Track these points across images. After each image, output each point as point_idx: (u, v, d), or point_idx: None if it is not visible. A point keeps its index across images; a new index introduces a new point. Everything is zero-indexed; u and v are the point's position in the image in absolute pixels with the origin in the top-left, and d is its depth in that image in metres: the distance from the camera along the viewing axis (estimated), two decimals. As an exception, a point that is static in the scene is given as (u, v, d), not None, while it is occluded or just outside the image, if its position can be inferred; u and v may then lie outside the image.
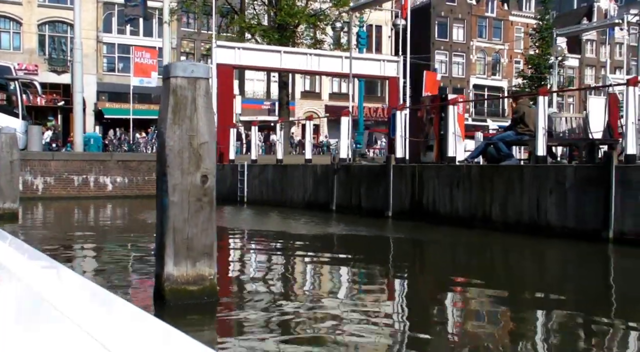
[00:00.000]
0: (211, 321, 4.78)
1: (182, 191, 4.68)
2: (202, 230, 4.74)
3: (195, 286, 4.74)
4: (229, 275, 7.07)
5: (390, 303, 5.74)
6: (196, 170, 4.70)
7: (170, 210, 4.68)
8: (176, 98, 4.66)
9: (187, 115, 4.67)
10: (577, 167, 9.57)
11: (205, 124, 4.74)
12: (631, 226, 8.48)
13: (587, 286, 6.72)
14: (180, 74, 4.69)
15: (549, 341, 4.37)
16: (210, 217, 4.78)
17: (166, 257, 4.69)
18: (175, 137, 4.65)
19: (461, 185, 11.21)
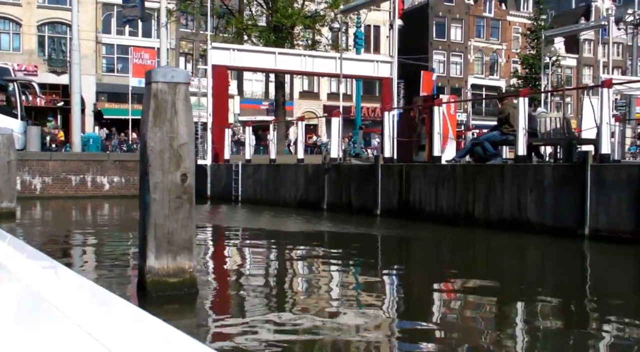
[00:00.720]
0: (191, 311, 5.09)
1: (163, 189, 4.99)
2: (181, 225, 5.05)
3: (176, 278, 5.05)
4: (212, 268, 7.40)
5: (372, 296, 6.04)
6: (176, 170, 5.00)
7: (152, 207, 4.98)
8: (157, 102, 4.97)
9: (167, 118, 4.98)
10: (555, 167, 9.89)
11: (185, 126, 5.04)
12: (605, 224, 8.79)
13: (563, 281, 7.01)
14: (160, 79, 4.99)
15: (527, 332, 4.63)
16: (189, 213, 5.09)
17: (148, 251, 5.00)
18: (156, 139, 4.96)
19: (446, 184, 11.52)
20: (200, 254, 8.35)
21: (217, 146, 19.75)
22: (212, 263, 7.97)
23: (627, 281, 7.11)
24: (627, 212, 8.51)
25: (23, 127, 22.80)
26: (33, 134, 22.90)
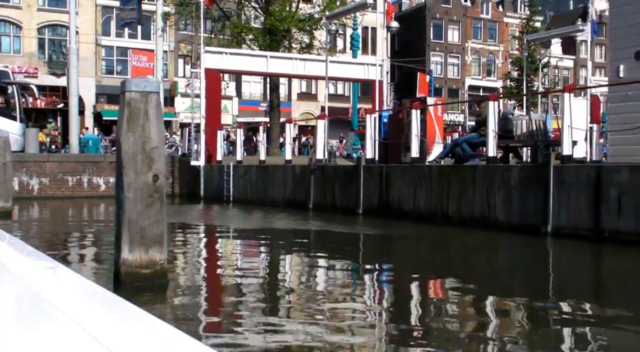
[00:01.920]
0: (162, 299, 5.60)
1: (136, 188, 5.49)
2: (153, 222, 5.56)
3: (148, 270, 5.56)
4: (185, 262, 7.94)
5: (341, 287, 6.55)
6: (148, 171, 5.51)
7: (126, 205, 5.49)
8: (130, 109, 5.48)
9: (140, 124, 5.49)
10: (521, 167, 10.38)
11: (156, 131, 5.55)
12: (566, 222, 9.29)
13: (527, 275, 7.51)
14: (134, 88, 5.50)
15: (493, 323, 5.06)
16: (160, 210, 5.60)
17: (122, 244, 5.51)
18: (129, 143, 5.47)
19: (423, 184, 12.02)
20: (178, 249, 8.93)
21: (210, 147, 20.27)
22: (187, 257, 8.52)
23: (585, 276, 7.56)
24: (586, 210, 9.01)
25: (22, 129, 23.29)
26: (31, 135, 23.41)
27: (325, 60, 18.52)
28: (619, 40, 10.56)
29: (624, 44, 10.33)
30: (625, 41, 10.26)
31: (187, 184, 21.65)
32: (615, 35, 10.92)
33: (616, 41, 10.84)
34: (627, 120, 9.87)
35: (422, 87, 51.62)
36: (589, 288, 6.83)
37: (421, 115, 16.43)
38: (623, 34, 10.36)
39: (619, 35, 10.56)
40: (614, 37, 11.00)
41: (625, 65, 10.29)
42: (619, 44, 10.59)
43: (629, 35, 10.19)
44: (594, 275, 7.83)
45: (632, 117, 9.66)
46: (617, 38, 10.76)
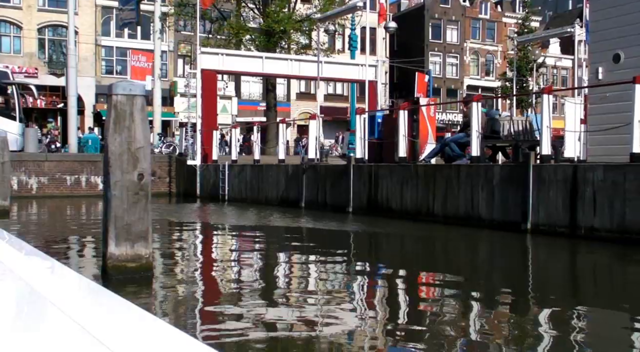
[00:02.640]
0: (147, 291, 5.91)
1: (122, 186, 5.80)
2: (138, 218, 5.87)
3: (134, 263, 5.88)
4: (171, 255, 8.29)
5: (325, 280, 6.87)
6: (133, 170, 5.82)
7: (113, 202, 5.80)
8: (117, 112, 5.79)
9: (126, 125, 5.80)
10: (502, 166, 10.69)
11: (141, 132, 5.86)
12: (544, 219, 9.59)
13: (507, 270, 7.82)
14: (120, 92, 5.81)
15: (471, 315, 5.32)
16: (145, 207, 5.90)
17: (109, 239, 5.82)
18: (116, 143, 5.78)
19: (410, 183, 12.33)
20: (168, 244, 9.29)
21: (206, 147, 20.58)
22: (175, 252, 8.88)
23: (560, 272, 7.85)
24: (563, 208, 9.30)
25: (21, 129, 23.62)
26: (31, 135, 23.73)
27: (317, 61, 18.80)
28: (598, 44, 10.86)
29: (602, 47, 10.62)
30: (604, 44, 10.55)
31: (184, 183, 21.97)
32: (594, 39, 11.22)
33: (595, 44, 11.14)
34: (606, 120, 10.16)
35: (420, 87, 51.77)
36: (563, 283, 7.10)
37: (414, 115, 16.78)
38: (602, 37, 10.66)
39: (598, 38, 10.85)
40: (594, 40, 11.30)
41: (604, 68, 10.58)
42: (598, 47, 10.89)
43: (608, 39, 10.48)
44: (569, 271, 8.11)
45: (610, 118, 9.94)
46: (596, 41, 11.07)
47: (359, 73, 22.70)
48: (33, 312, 1.40)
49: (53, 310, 1.30)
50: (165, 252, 8.47)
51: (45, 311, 1.35)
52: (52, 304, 1.33)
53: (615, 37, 10.28)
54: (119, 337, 1.10)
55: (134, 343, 1.08)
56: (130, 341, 1.09)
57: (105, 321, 1.21)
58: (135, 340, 1.10)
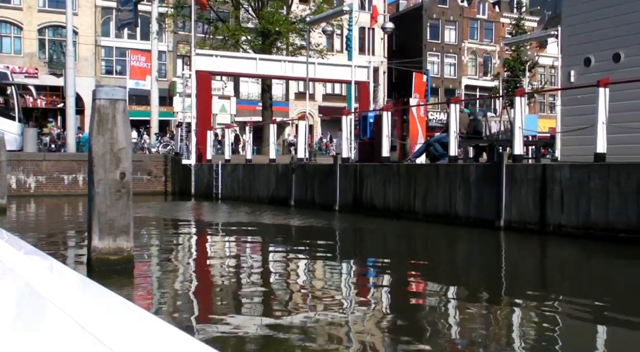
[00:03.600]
0: (128, 282, 6.34)
1: (105, 184, 6.24)
2: (120, 214, 6.30)
3: (116, 256, 6.31)
4: (151, 250, 8.76)
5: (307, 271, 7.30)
6: (116, 169, 6.25)
7: (96, 199, 6.24)
8: (100, 115, 6.22)
9: (108, 127, 6.23)
10: (478, 166, 11.11)
11: (123, 134, 6.29)
12: (516, 216, 10.01)
13: (481, 264, 8.25)
14: (103, 96, 6.24)
15: (445, 305, 5.73)
16: (127, 204, 6.33)
17: (93, 234, 6.26)
18: (99, 144, 6.21)
19: (392, 182, 12.75)
20: (153, 239, 9.76)
21: (200, 147, 21.03)
22: (158, 246, 9.37)
23: (528, 267, 8.26)
24: (533, 206, 9.73)
25: (20, 129, 24.09)
26: (30, 135, 24.19)
27: (307, 63, 19.22)
28: (570, 48, 11.28)
29: (574, 51, 11.03)
30: (576, 49, 10.97)
31: (179, 182, 22.41)
32: (567, 43, 11.64)
33: (567, 48, 11.56)
34: (578, 122, 10.56)
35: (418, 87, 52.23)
36: (532, 276, 7.50)
37: (404, 116, 17.20)
38: (573, 42, 11.07)
39: (570, 43, 11.27)
40: (566, 44, 11.71)
41: (576, 71, 11.00)
42: (570, 51, 11.30)
43: (579, 44, 10.89)
44: (538, 265, 8.52)
45: (581, 119, 10.35)
46: (568, 46, 11.49)
47: (350, 74, 23.12)
48: (33, 312, 1.41)
49: (53, 310, 1.31)
50: (150, 246, 8.95)
51: (45, 311, 1.35)
52: (52, 303, 1.34)
53: (586, 41, 10.70)
54: (119, 337, 1.10)
55: (134, 343, 1.08)
56: (130, 341, 1.09)
57: (105, 321, 1.21)
58: (135, 340, 1.10)
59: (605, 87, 8.82)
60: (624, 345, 4.52)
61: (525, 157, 16.21)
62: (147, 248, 8.62)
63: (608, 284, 6.78)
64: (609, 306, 5.49)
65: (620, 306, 5.54)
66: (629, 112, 9.97)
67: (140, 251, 7.97)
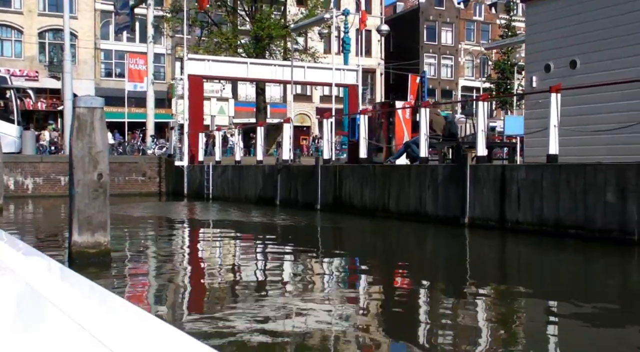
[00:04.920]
0: (105, 273, 6.99)
1: (83, 184, 6.89)
2: (98, 211, 6.95)
3: (94, 249, 6.97)
4: (128, 245, 9.46)
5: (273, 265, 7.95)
6: (94, 170, 6.91)
7: (76, 198, 6.89)
8: (79, 121, 6.88)
9: (87, 133, 6.88)
10: (445, 166, 11.74)
11: (100, 139, 6.95)
12: (479, 214, 10.64)
13: (447, 258, 8.89)
14: (82, 105, 6.90)
15: (413, 297, 6.33)
16: (104, 202, 6.99)
17: (73, 229, 6.91)
18: (78, 148, 6.87)
19: (369, 182, 13.39)
20: (134, 235, 10.46)
21: (192, 148, 21.70)
22: (136, 240, 10.09)
23: (489, 260, 8.88)
24: (494, 204, 10.36)
25: (19, 132, 24.73)
26: (28, 138, 24.85)
27: (291, 66, 19.88)
28: (533, 55, 11.91)
29: (536, 57, 11.66)
30: (538, 56, 11.59)
31: (172, 183, 23.07)
32: (529, 50, 12.27)
33: (530, 55, 12.19)
34: (539, 125, 11.17)
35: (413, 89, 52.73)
36: (492, 269, 8.11)
37: (390, 118, 17.84)
38: (536, 49, 11.70)
39: (533, 50, 11.90)
40: (529, 51, 12.35)
41: (537, 77, 11.62)
42: (533, 57, 11.93)
43: (541, 51, 11.52)
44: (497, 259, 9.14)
45: (542, 122, 10.94)
46: (531, 52, 12.12)
47: (340, 77, 23.75)
48: (33, 312, 1.41)
49: (53, 310, 1.31)
50: (126, 240, 9.66)
51: (45, 311, 1.36)
52: (52, 304, 1.34)
53: (546, 49, 11.32)
54: (119, 337, 1.11)
55: (134, 343, 1.08)
56: (130, 341, 1.09)
57: (105, 321, 1.22)
58: (135, 340, 1.10)
59: (557, 93, 9.44)
60: (567, 326, 5.01)
61: (501, 158, 16.88)
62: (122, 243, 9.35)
63: (556, 275, 7.37)
64: (556, 294, 6.12)
65: (566, 294, 6.12)
66: (585, 115, 10.60)
67: (122, 245, 8.67)
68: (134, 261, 8.06)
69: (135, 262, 7.96)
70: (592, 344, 4.44)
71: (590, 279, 7.29)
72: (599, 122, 10.33)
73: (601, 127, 9.97)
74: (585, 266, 8.21)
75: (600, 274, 7.57)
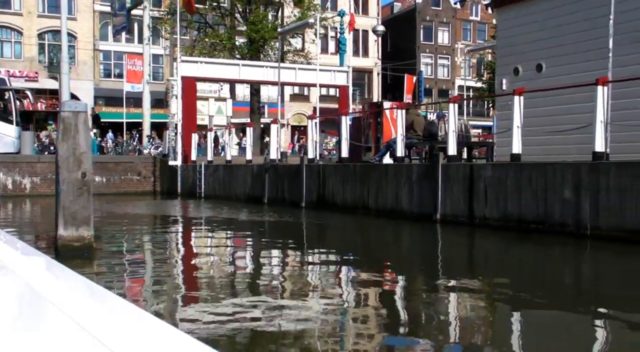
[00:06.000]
0: (89, 264, 7.56)
1: (68, 182, 7.46)
2: (82, 207, 7.52)
3: (78, 243, 7.53)
4: (112, 238, 10.07)
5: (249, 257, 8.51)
6: (78, 170, 7.47)
7: (61, 195, 7.46)
8: (64, 124, 7.44)
9: (71, 135, 7.45)
10: (419, 166, 12.30)
11: (84, 140, 7.51)
12: (449, 210, 11.20)
13: (419, 253, 9.44)
14: (67, 109, 7.47)
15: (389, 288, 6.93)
16: (88, 199, 7.55)
17: (59, 224, 7.48)
18: (64, 149, 7.43)
19: (350, 180, 13.95)
20: (119, 230, 11.06)
21: (186, 149, 22.27)
22: (119, 235, 10.69)
23: (457, 254, 9.40)
24: (463, 201, 10.91)
25: (18, 132, 25.27)
26: (27, 138, 25.40)
27: (278, 67, 20.44)
28: (503, 59, 12.46)
29: (506, 61, 12.21)
30: (507, 59, 12.14)
31: (167, 182, 23.65)
32: (500, 54, 12.82)
33: (500, 59, 12.74)
34: (508, 125, 11.71)
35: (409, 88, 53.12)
36: (460, 263, 8.61)
37: (378, 118, 18.40)
38: (505, 53, 12.25)
39: (503, 54, 12.45)
40: (499, 55, 12.89)
41: (507, 79, 12.18)
42: (503, 61, 12.48)
43: (510, 55, 12.07)
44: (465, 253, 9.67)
45: (510, 123, 11.50)
46: (501, 56, 12.66)
47: (330, 78, 24.30)
48: (33, 312, 1.41)
49: (53, 310, 1.31)
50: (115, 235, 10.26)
51: (45, 311, 1.36)
52: (52, 304, 1.34)
53: (515, 53, 11.87)
54: (119, 337, 1.11)
55: (134, 343, 1.09)
56: (130, 341, 1.10)
57: (105, 321, 1.22)
58: (135, 340, 1.11)
59: (520, 96, 9.99)
60: (528, 312, 5.46)
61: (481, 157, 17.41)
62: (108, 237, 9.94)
63: (518, 266, 7.97)
64: (518, 284, 6.65)
65: (526, 284, 6.67)
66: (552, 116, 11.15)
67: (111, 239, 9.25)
68: (118, 253, 8.64)
69: (120, 254, 8.54)
70: (547, 324, 4.95)
71: (547, 269, 7.81)
72: (566, 123, 10.86)
73: (567, 128, 10.52)
74: (544, 257, 8.74)
75: (556, 264, 8.12)
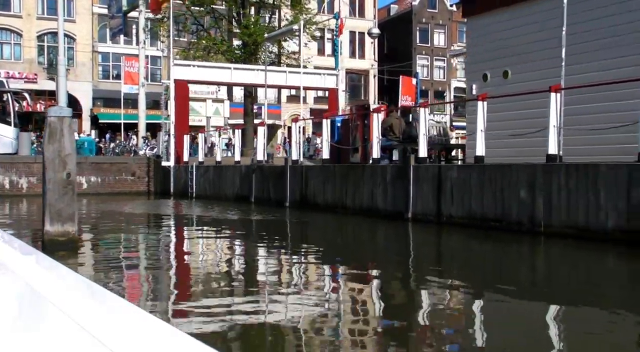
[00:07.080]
0: (73, 257, 8.19)
1: (54, 182, 8.09)
2: (67, 205, 8.16)
3: (63, 238, 8.17)
4: (95, 234, 10.74)
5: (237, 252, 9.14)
6: (63, 170, 8.11)
7: (48, 194, 8.10)
8: (51, 128, 8.08)
9: (57, 138, 8.09)
10: (392, 166, 12.92)
11: (69, 143, 8.15)
12: (420, 209, 11.82)
13: (390, 248, 10.07)
14: (53, 114, 8.11)
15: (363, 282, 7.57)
16: (72, 197, 8.19)
17: (45, 221, 8.12)
18: (50, 151, 8.07)
19: (330, 181, 14.58)
20: (105, 226, 11.72)
21: (178, 150, 22.91)
22: (103, 231, 11.36)
23: (425, 249, 10.02)
24: (432, 200, 11.54)
25: (16, 133, 25.88)
26: (25, 139, 26.02)
27: (265, 70, 21.09)
28: (473, 65, 13.08)
29: (476, 68, 12.83)
30: (477, 66, 12.76)
31: (160, 182, 24.28)
32: (470, 60, 13.44)
33: (470, 65, 13.37)
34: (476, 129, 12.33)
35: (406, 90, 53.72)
36: (427, 259, 9.20)
37: (365, 120, 19.00)
38: (475, 59, 12.87)
39: (473, 60, 13.07)
40: (469, 62, 13.52)
41: (477, 85, 12.79)
42: (473, 67, 13.11)
43: (479, 61, 12.69)
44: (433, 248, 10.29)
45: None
46: (471, 63, 13.29)
47: (320, 81, 24.91)
48: (33, 312, 1.41)
49: (53, 310, 1.31)
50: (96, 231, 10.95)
51: (45, 311, 1.36)
52: (52, 304, 1.34)
53: (484, 60, 12.50)
54: (119, 337, 1.11)
55: (134, 343, 1.09)
56: (130, 341, 1.10)
57: (105, 321, 1.23)
58: (135, 340, 1.11)
59: (483, 101, 10.62)
60: (489, 302, 5.97)
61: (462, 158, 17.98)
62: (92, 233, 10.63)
63: (479, 261, 8.57)
64: (481, 277, 7.25)
65: (488, 277, 7.27)
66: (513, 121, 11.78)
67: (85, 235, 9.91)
68: (100, 248, 9.29)
69: (101, 250, 9.18)
70: (505, 313, 5.49)
71: (504, 264, 8.42)
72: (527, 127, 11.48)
73: (528, 131, 11.14)
74: (502, 253, 9.36)
75: (512, 259, 8.76)
